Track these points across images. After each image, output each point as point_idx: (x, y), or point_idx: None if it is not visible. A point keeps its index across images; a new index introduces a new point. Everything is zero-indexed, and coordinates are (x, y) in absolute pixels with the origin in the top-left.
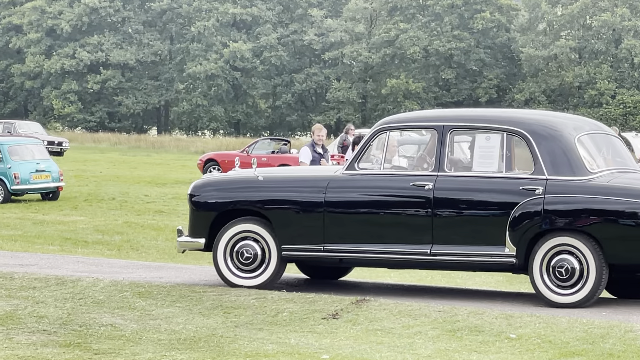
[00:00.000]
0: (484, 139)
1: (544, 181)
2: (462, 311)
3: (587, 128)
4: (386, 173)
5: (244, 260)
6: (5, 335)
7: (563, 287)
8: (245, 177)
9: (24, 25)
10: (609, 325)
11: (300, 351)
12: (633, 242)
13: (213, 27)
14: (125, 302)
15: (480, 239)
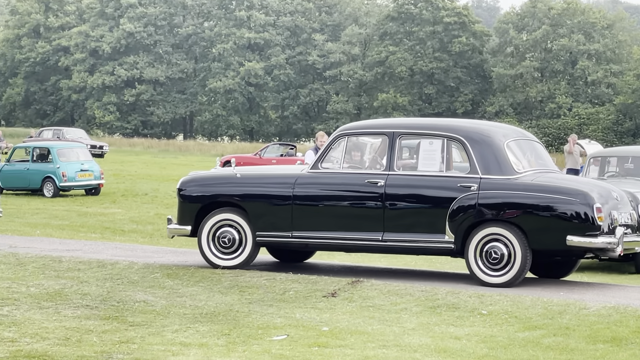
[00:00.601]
0: (427, 143)
1: (478, 179)
2: (441, 291)
3: (514, 135)
4: (345, 172)
5: (224, 244)
6: (54, 309)
7: (494, 269)
8: (225, 174)
9: (71, 46)
10: (566, 303)
11: (304, 324)
12: (552, 231)
13: (231, 49)
14: (155, 282)
15: (424, 227)
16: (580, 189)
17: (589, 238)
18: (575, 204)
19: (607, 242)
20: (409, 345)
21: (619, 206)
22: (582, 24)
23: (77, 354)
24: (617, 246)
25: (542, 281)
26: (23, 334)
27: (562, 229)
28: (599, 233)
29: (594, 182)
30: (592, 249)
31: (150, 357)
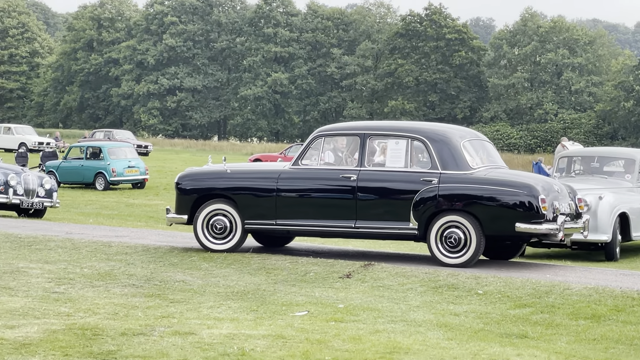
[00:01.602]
0: (394, 143)
1: (438, 174)
2: (443, 273)
3: (469, 136)
4: (322, 168)
5: (217, 231)
6: (104, 288)
7: (452, 252)
8: (217, 170)
9: (120, 59)
10: (552, 284)
11: (322, 302)
12: (502, 219)
13: (260, 61)
14: (193, 264)
15: (392, 216)
16: (527, 182)
17: (535, 225)
18: (523, 196)
19: (550, 229)
20: (414, 320)
21: (560, 197)
22: (566, 40)
23: (124, 327)
24: (558, 232)
25: (531, 265)
26: (77, 309)
27: (512, 217)
28: (543, 220)
29: (538, 177)
30: (538, 234)
31: (188, 329)
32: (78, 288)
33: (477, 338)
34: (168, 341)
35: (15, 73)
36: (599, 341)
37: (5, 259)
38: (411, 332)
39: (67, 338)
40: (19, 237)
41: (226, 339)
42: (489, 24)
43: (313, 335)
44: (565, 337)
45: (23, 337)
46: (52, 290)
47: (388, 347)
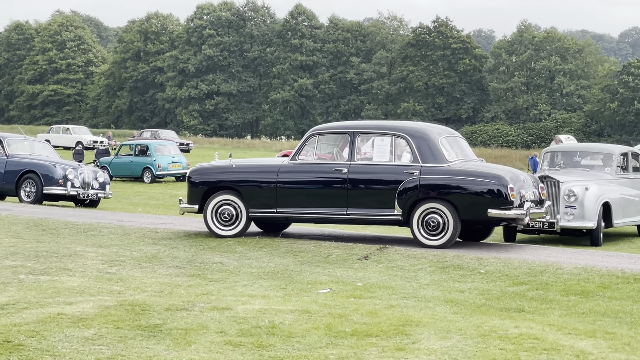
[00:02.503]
0: (380, 140)
1: (419, 167)
2: (449, 255)
3: (445, 133)
4: (316, 162)
5: (224, 219)
6: (151, 269)
7: (432, 235)
8: (223, 165)
9: (164, 67)
10: (546, 264)
11: (343, 280)
12: (476, 205)
13: (287, 69)
14: (229, 248)
15: (379, 204)
16: (497, 173)
17: (505, 211)
18: (494, 185)
19: (518, 214)
20: (424, 296)
21: (525, 186)
22: (558, 49)
23: (169, 303)
24: (525, 217)
25: (527, 248)
26: (127, 288)
27: (484, 204)
28: (511, 207)
29: (506, 168)
30: (507, 219)
31: (225, 305)
32: (128, 269)
33: (480, 312)
34: (207, 315)
35: (72, 80)
36: (588, 314)
37: (64, 243)
38: (421, 307)
39: (119, 313)
40: (76, 224)
41: (258, 313)
42: (490, 34)
43: (335, 310)
44: (558, 311)
45: (80, 312)
46: (105, 271)
47: (401, 320)
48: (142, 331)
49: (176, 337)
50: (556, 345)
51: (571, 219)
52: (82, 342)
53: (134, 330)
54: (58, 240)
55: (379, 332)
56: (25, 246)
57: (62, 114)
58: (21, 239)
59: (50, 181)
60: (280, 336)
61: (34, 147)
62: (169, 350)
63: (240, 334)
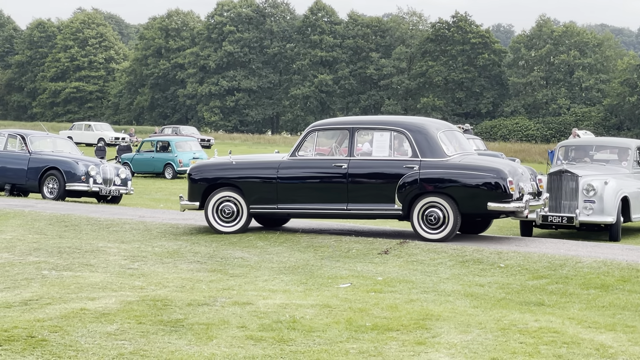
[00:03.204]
0: (379, 135)
1: (419, 161)
2: (469, 249)
3: (444, 127)
4: (316, 158)
5: (225, 215)
6: (173, 264)
7: (432, 228)
8: (224, 161)
9: (185, 64)
10: (565, 258)
11: (363, 275)
12: (476, 199)
13: (307, 65)
14: (250, 243)
15: (379, 198)
16: (496, 166)
17: (504, 204)
18: (493, 178)
19: (517, 207)
20: (444, 290)
21: (523, 179)
22: (577, 43)
23: (190, 298)
24: (525, 209)
25: (547, 242)
26: (149, 283)
27: (484, 197)
28: (511, 200)
29: (505, 162)
30: (507, 212)
31: (246, 300)
32: (150, 264)
33: (500, 306)
34: (229, 310)
35: (94, 77)
36: (607, 308)
37: (87, 239)
38: (441, 301)
39: (141, 308)
40: (98, 220)
41: (279, 308)
42: (509, 29)
43: (355, 305)
44: (578, 304)
45: (103, 308)
46: (128, 267)
47: (421, 315)
48: (164, 326)
49: (198, 332)
50: (576, 339)
51: (590, 213)
52: (104, 337)
53: (156, 325)
54: (80, 237)
55: (399, 326)
56: (48, 242)
57: (84, 111)
58: (44, 235)
59: (73, 178)
60: (301, 331)
61: (57, 144)
62: (191, 345)
63: (261, 329)
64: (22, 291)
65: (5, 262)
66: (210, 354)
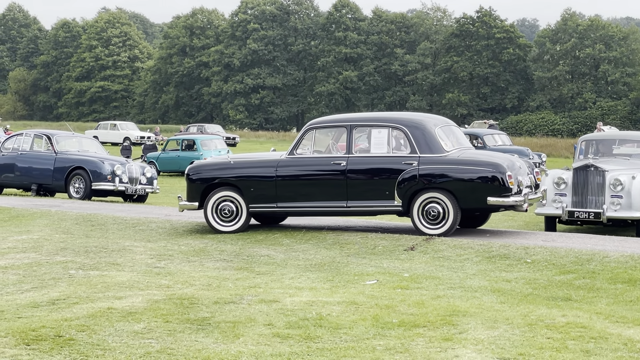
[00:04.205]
0: (377, 132)
1: (417, 158)
2: (495, 245)
3: (441, 123)
4: (315, 156)
5: (224, 215)
6: (199, 262)
7: (433, 224)
8: (221, 161)
9: (209, 62)
10: (592, 252)
11: (390, 271)
12: (475, 193)
13: (332, 62)
14: (276, 240)
15: (378, 195)
16: (495, 161)
17: (504, 198)
18: (492, 173)
19: (516, 200)
20: (471, 286)
21: (521, 172)
22: (603, 37)
23: (217, 296)
24: (524, 203)
25: (573, 237)
26: (176, 282)
27: (483, 192)
28: (510, 194)
29: (503, 156)
30: (506, 206)
31: (272, 297)
32: (176, 263)
33: (527, 301)
34: (255, 308)
35: (119, 76)
36: (635, 302)
37: (114, 238)
38: (468, 297)
39: (168, 307)
40: (124, 219)
41: (306, 305)
42: (534, 23)
43: (382, 301)
44: (605, 299)
45: (129, 307)
46: (154, 265)
47: (448, 311)
48: (190, 324)
49: (224, 330)
50: (604, 334)
51: (618, 209)
52: (131, 336)
53: (183, 323)
54: (107, 236)
55: (426, 322)
56: (75, 242)
57: (110, 110)
58: (71, 235)
59: (99, 177)
60: (327, 328)
61: (82, 144)
62: (218, 343)
63: (287, 326)
64: (49, 291)
65: (32, 262)
66: (237, 352)
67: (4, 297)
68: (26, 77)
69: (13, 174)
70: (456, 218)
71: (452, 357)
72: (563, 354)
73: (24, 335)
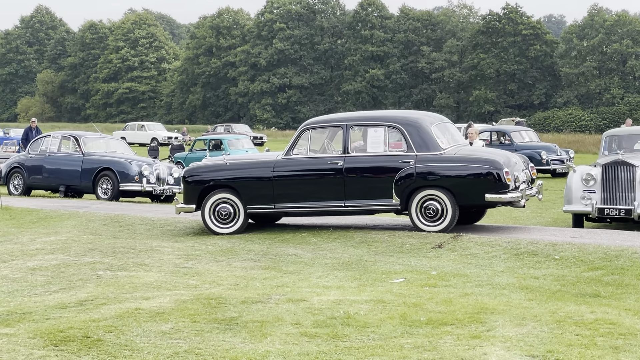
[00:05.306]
0: (373, 131)
1: (414, 156)
2: (523, 241)
3: (437, 120)
4: (311, 156)
5: (222, 217)
6: (227, 262)
7: (431, 221)
8: (217, 163)
9: (236, 62)
10: (621, 249)
11: (417, 269)
12: (473, 190)
13: (358, 60)
14: (303, 240)
15: (376, 194)
16: (492, 158)
17: (501, 194)
18: (489, 170)
19: (514, 197)
20: (499, 284)
21: (517, 168)
22: (630, 32)
23: (244, 295)
24: (521, 199)
25: (602, 233)
26: (203, 281)
27: (481, 189)
28: (508, 190)
29: (499, 152)
30: (504, 202)
31: (300, 297)
32: (204, 263)
33: (555, 298)
34: (283, 307)
35: (146, 77)
36: None
37: (141, 239)
38: (496, 295)
39: (195, 307)
40: (152, 220)
41: (333, 304)
42: (560, 19)
43: (409, 299)
44: (634, 295)
45: (157, 307)
46: (182, 266)
47: (476, 308)
48: (218, 324)
49: (252, 329)
50: (633, 330)
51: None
52: (159, 337)
53: (211, 323)
54: (135, 236)
55: (453, 320)
56: (103, 242)
57: (137, 111)
58: (99, 236)
59: (126, 178)
60: (355, 326)
61: (110, 145)
62: (245, 342)
63: (315, 325)
64: (77, 292)
65: (60, 263)
66: (264, 352)
67: (32, 299)
68: (54, 79)
69: (41, 176)
70: (454, 215)
71: (480, 355)
72: (592, 351)
73: (52, 337)
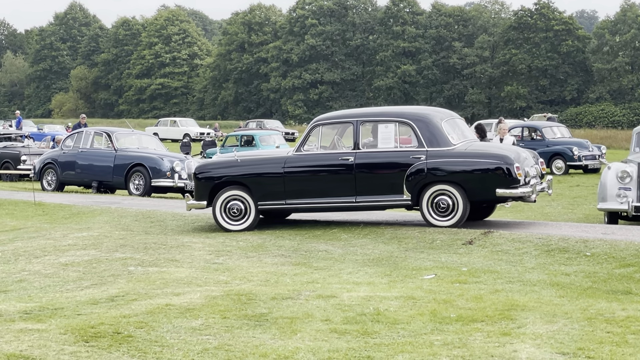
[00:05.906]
0: (384, 127)
1: (425, 151)
2: (554, 238)
3: (447, 116)
4: (322, 152)
5: (233, 214)
6: (257, 258)
7: (442, 216)
8: (228, 160)
9: (268, 57)
10: None
11: (448, 265)
12: (484, 185)
13: (390, 56)
14: (334, 236)
15: (387, 190)
16: (502, 153)
17: (512, 189)
18: (500, 165)
19: (524, 192)
20: (530, 280)
21: (528, 163)
22: None
23: (275, 291)
24: (532, 194)
25: (633, 229)
26: (234, 277)
27: (492, 184)
28: (519, 185)
29: (509, 147)
30: (515, 197)
31: (330, 293)
32: (234, 259)
33: (586, 295)
34: (313, 304)
35: (179, 73)
36: None
37: (173, 235)
38: (527, 291)
39: (225, 303)
40: (183, 216)
41: (363, 300)
42: (592, 15)
43: (440, 296)
44: None
45: (187, 303)
46: (212, 262)
47: (506, 305)
48: (248, 320)
49: (282, 325)
50: None
51: None
52: (189, 333)
53: (241, 319)
54: (166, 232)
55: (484, 317)
56: (134, 238)
57: (170, 107)
58: (130, 232)
59: (158, 174)
60: (385, 323)
61: (142, 141)
62: (275, 339)
63: (345, 322)
64: (108, 287)
65: (92, 258)
66: (294, 348)
67: (64, 294)
68: (87, 75)
69: (74, 172)
70: (465, 210)
71: (510, 352)
72: (623, 349)
73: (83, 332)
